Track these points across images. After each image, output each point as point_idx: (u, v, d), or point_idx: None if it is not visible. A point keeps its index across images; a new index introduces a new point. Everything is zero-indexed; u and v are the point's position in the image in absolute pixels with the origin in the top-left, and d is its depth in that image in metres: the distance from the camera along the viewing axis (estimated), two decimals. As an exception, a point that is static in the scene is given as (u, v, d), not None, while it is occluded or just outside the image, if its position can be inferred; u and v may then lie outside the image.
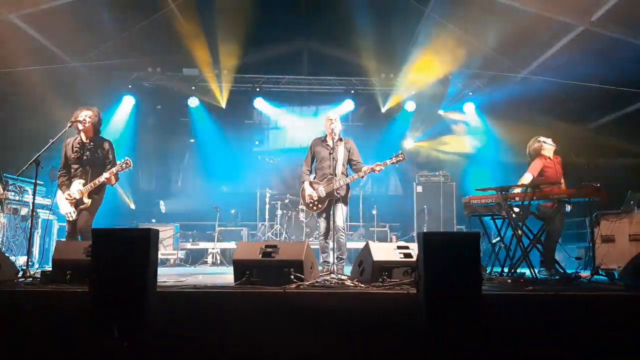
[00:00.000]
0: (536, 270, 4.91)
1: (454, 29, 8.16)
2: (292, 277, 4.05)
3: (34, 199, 5.13)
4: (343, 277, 4.60)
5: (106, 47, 8.48)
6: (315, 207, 5.58)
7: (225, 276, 5.83)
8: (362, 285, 4.16)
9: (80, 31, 7.74)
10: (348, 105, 10.86)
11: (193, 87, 10.49)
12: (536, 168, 5.81)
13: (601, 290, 4.16)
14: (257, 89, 10.80)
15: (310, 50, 10.18)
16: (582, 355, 3.38)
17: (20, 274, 4.54)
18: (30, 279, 4.45)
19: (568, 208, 5.66)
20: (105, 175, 5.11)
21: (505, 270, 5.17)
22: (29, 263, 4.81)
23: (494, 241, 5.55)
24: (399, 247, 4.40)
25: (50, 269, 4.42)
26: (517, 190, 5.33)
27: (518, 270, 5.06)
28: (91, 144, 5.28)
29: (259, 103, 10.90)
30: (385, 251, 4.38)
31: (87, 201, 5.13)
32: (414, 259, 4.04)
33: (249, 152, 11.19)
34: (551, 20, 7.34)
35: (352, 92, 10.77)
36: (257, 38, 8.63)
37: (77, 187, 5.16)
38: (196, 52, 9.08)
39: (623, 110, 8.69)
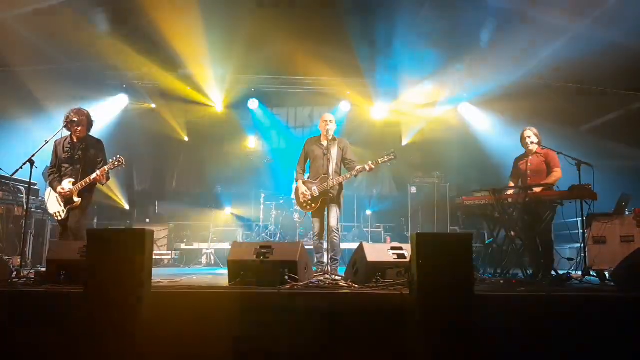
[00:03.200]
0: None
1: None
2: (287, 277, 4.07)
3: (27, 198, 5.13)
4: (337, 277, 4.63)
5: (100, 46, 8.45)
6: (309, 207, 5.60)
7: (220, 277, 5.83)
8: (356, 285, 4.18)
9: (73, 30, 7.71)
10: (343, 106, 10.87)
11: (188, 87, 10.47)
12: (512, 171, 5.81)
13: (592, 291, 4.21)
14: (252, 89, 10.78)
15: (305, 50, 10.16)
16: (574, 355, 3.41)
17: (14, 274, 4.53)
18: (24, 279, 4.44)
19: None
20: (97, 173, 5.11)
21: (498, 271, 5.21)
22: (23, 263, 4.80)
23: (487, 242, 5.58)
24: (393, 248, 4.42)
25: (44, 269, 4.41)
26: (510, 191, 5.37)
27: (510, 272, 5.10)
28: (83, 144, 5.29)
29: (254, 104, 10.90)
30: (379, 252, 4.39)
31: (77, 200, 5.14)
32: (408, 259, 4.07)
33: (244, 152, 11.16)
34: (547, 23, 7.40)
35: (348, 92, 10.76)
36: (253, 38, 8.61)
37: (67, 186, 5.16)
38: (192, 52, 9.05)
39: (616, 112, 8.75)
